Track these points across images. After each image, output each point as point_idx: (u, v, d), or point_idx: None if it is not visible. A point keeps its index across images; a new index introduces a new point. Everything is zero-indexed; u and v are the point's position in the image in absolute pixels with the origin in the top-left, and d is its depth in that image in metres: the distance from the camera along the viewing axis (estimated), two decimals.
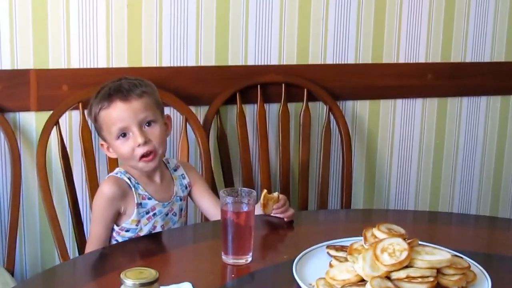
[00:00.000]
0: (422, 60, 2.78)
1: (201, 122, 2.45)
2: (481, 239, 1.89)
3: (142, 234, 1.94)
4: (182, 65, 2.44)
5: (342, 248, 1.60)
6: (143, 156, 1.91)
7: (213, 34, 2.46)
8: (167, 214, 1.99)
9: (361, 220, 2.10)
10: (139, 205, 1.93)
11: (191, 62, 2.45)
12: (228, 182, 2.50)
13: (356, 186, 2.79)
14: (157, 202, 1.96)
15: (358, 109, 2.75)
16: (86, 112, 2.02)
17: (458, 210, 2.98)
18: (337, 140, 2.68)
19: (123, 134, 1.91)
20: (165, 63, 2.42)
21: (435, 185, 2.94)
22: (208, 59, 2.47)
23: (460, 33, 2.81)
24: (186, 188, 2.05)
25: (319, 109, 2.67)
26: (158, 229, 1.96)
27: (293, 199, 2.61)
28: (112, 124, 1.91)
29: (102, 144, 2.00)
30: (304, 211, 2.56)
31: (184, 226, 2.00)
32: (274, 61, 2.57)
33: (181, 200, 2.03)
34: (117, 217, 1.94)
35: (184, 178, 2.05)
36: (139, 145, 1.89)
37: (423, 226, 2.00)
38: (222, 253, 1.62)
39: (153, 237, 1.87)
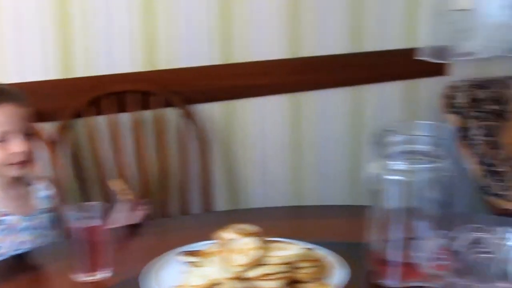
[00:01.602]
0: (274, 57, 2.79)
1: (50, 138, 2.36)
2: (339, 229, 1.91)
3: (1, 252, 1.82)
4: (25, 81, 2.35)
5: (198, 253, 1.57)
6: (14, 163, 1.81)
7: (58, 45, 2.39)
8: (35, 229, 1.88)
9: (220, 222, 2.06)
10: None
11: (36, 77, 2.37)
12: (86, 199, 2.41)
13: (218, 189, 2.76)
14: (19, 217, 1.85)
15: (213, 111, 2.73)
16: None
17: (322, 203, 3.01)
18: (195, 144, 2.65)
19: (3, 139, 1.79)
20: None
21: (297, 181, 2.97)
22: (55, 71, 2.41)
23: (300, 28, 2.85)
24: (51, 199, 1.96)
25: (173, 115, 2.63)
26: (28, 245, 1.84)
27: (154, 207, 2.56)
28: None
29: None
30: (164, 218, 2.51)
31: (35, 248, 1.89)
32: (125, 69, 2.52)
33: (47, 212, 1.93)
34: None
35: (45, 190, 1.96)
36: (19, 152, 1.78)
37: (283, 222, 2.00)
38: (75, 271, 1.56)
39: None
